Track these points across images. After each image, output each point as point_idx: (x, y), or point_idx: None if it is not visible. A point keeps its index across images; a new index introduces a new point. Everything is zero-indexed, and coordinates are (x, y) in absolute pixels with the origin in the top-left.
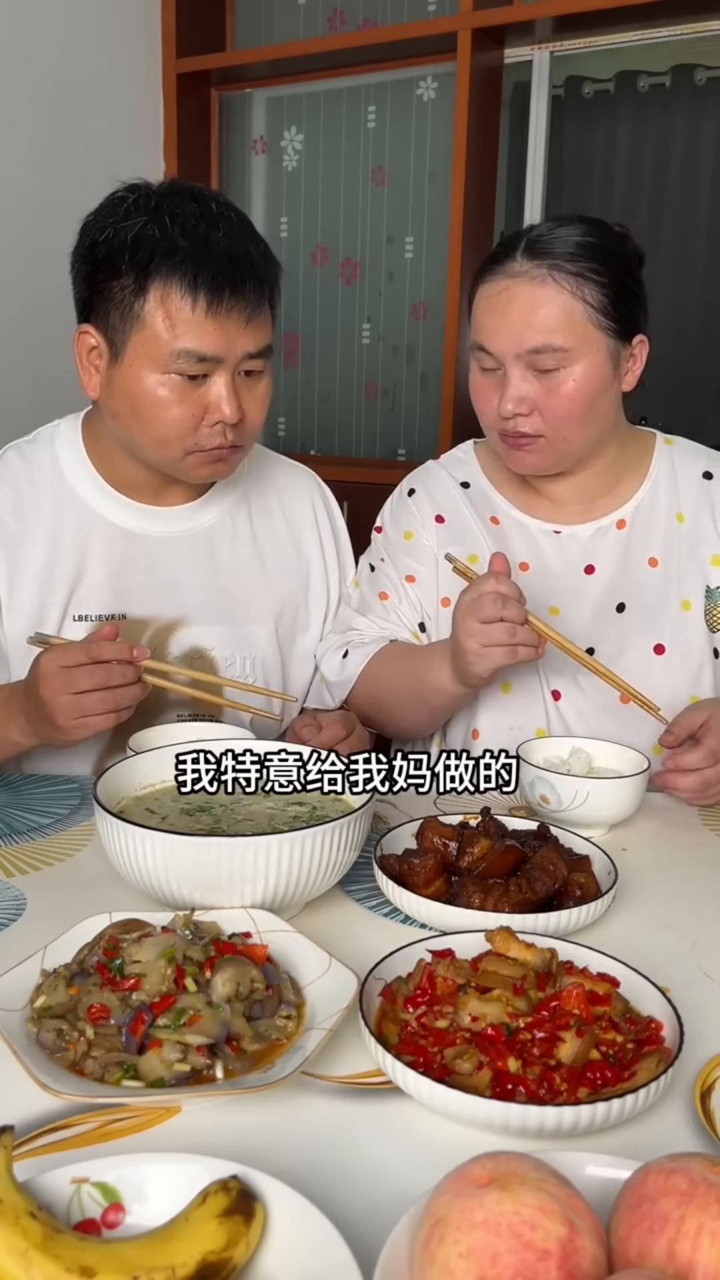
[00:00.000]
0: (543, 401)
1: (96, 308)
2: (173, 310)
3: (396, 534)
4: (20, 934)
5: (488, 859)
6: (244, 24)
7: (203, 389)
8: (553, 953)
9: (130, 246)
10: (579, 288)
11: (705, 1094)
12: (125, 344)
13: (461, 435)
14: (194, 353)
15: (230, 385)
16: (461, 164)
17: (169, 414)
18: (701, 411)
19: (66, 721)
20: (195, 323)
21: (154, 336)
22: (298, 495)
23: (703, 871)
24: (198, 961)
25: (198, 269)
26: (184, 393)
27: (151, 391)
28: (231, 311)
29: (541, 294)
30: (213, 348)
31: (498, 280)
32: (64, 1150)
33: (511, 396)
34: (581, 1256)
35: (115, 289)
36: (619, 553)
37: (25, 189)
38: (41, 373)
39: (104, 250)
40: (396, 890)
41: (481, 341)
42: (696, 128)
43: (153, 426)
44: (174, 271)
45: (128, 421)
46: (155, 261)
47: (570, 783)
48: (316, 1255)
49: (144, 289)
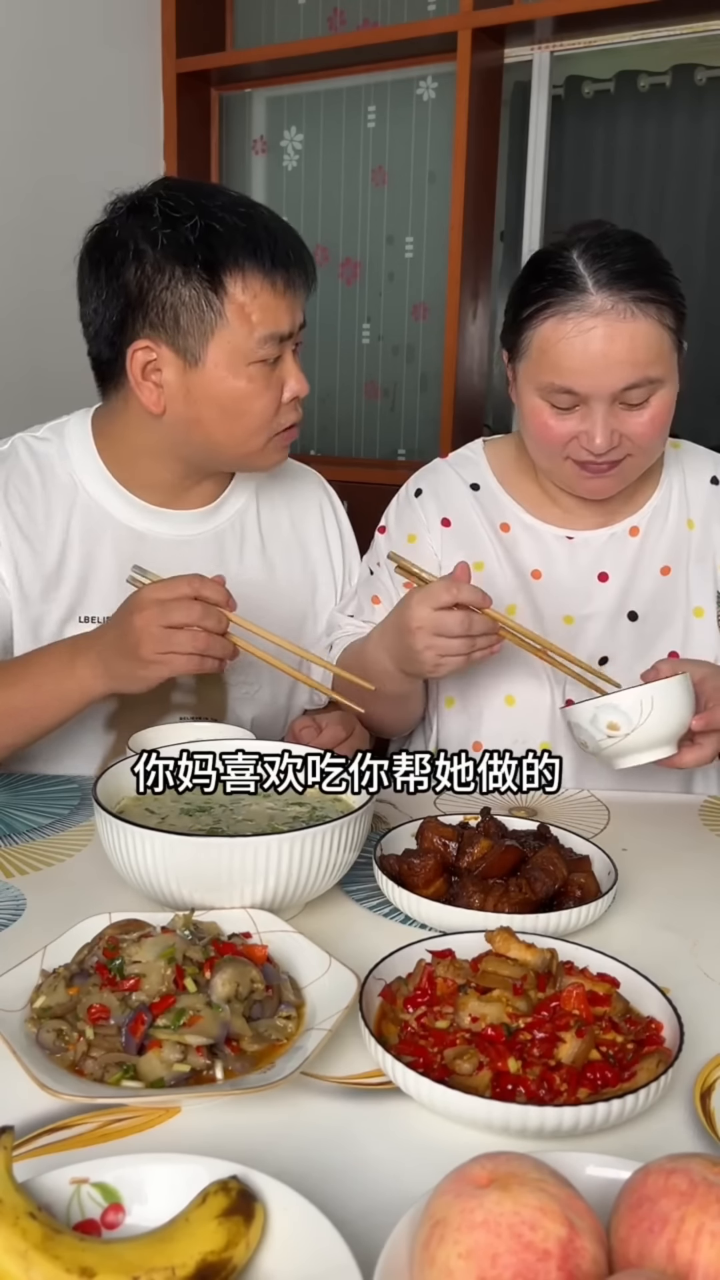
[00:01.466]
0: (628, 428)
1: (152, 320)
2: (252, 298)
3: (400, 536)
4: (20, 934)
5: (488, 859)
6: (244, 24)
7: (277, 371)
8: (553, 953)
9: (197, 247)
10: (661, 315)
11: (705, 1094)
12: (204, 347)
13: (461, 435)
14: (276, 334)
15: (294, 358)
16: (461, 164)
17: (258, 404)
18: (702, 413)
19: (151, 652)
20: (273, 304)
21: (238, 330)
22: (305, 498)
23: (703, 871)
24: (197, 962)
25: (271, 251)
26: (265, 379)
27: (241, 387)
28: (298, 285)
29: (633, 329)
30: (288, 324)
31: (578, 318)
32: (64, 1150)
33: (603, 433)
34: (581, 1257)
35: (184, 294)
36: (632, 560)
37: (25, 189)
38: (41, 371)
39: (155, 259)
40: (396, 890)
41: (563, 383)
42: (696, 128)
43: (243, 420)
44: (248, 259)
45: (211, 424)
46: (229, 255)
47: (634, 695)
48: (316, 1255)
49: (219, 285)
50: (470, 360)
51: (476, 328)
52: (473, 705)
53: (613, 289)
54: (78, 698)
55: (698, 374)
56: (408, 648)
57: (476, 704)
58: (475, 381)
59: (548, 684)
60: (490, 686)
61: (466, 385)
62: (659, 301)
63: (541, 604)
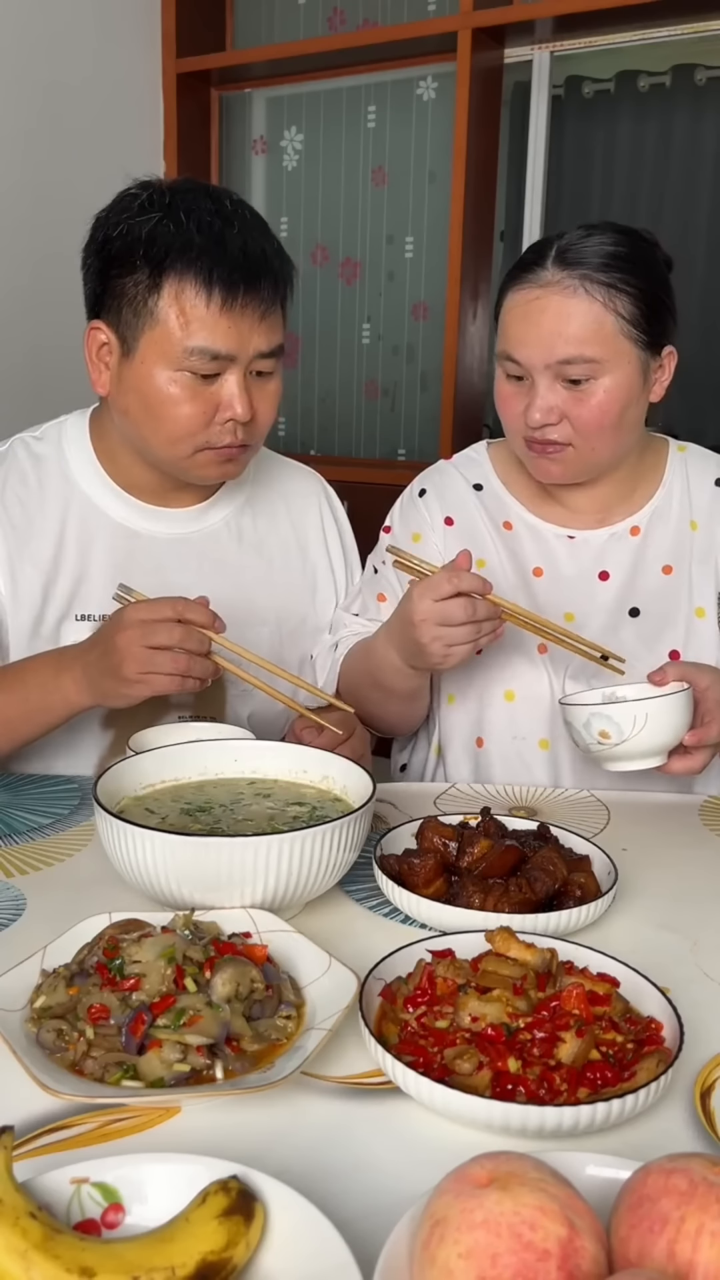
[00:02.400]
0: (571, 412)
1: (108, 304)
2: (187, 307)
3: (405, 535)
4: (20, 934)
5: (488, 859)
6: (244, 24)
7: (214, 387)
8: (553, 953)
9: (145, 242)
10: (611, 299)
11: (705, 1094)
12: (138, 340)
13: (461, 435)
14: (207, 350)
15: (242, 383)
16: (461, 164)
17: (180, 411)
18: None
19: (133, 672)
20: (209, 320)
21: (167, 333)
22: (304, 498)
23: (703, 871)
24: (198, 961)
25: (213, 266)
26: (195, 390)
27: (163, 389)
28: (246, 309)
29: (573, 305)
30: (226, 345)
31: (528, 289)
32: (64, 1150)
33: (540, 406)
34: (581, 1257)
35: (128, 285)
36: (633, 559)
37: (25, 188)
38: (42, 371)
39: (117, 246)
40: (396, 890)
41: (510, 351)
42: (696, 128)
43: (164, 424)
44: (189, 268)
45: (138, 419)
46: (170, 258)
47: (628, 709)
48: (316, 1255)
49: (158, 285)
50: (470, 360)
51: (476, 328)
52: (473, 701)
53: (567, 266)
54: (62, 710)
55: (697, 374)
56: (414, 641)
57: (477, 700)
58: (475, 381)
59: (547, 678)
60: (490, 682)
61: (466, 385)
62: (611, 286)
63: (543, 602)
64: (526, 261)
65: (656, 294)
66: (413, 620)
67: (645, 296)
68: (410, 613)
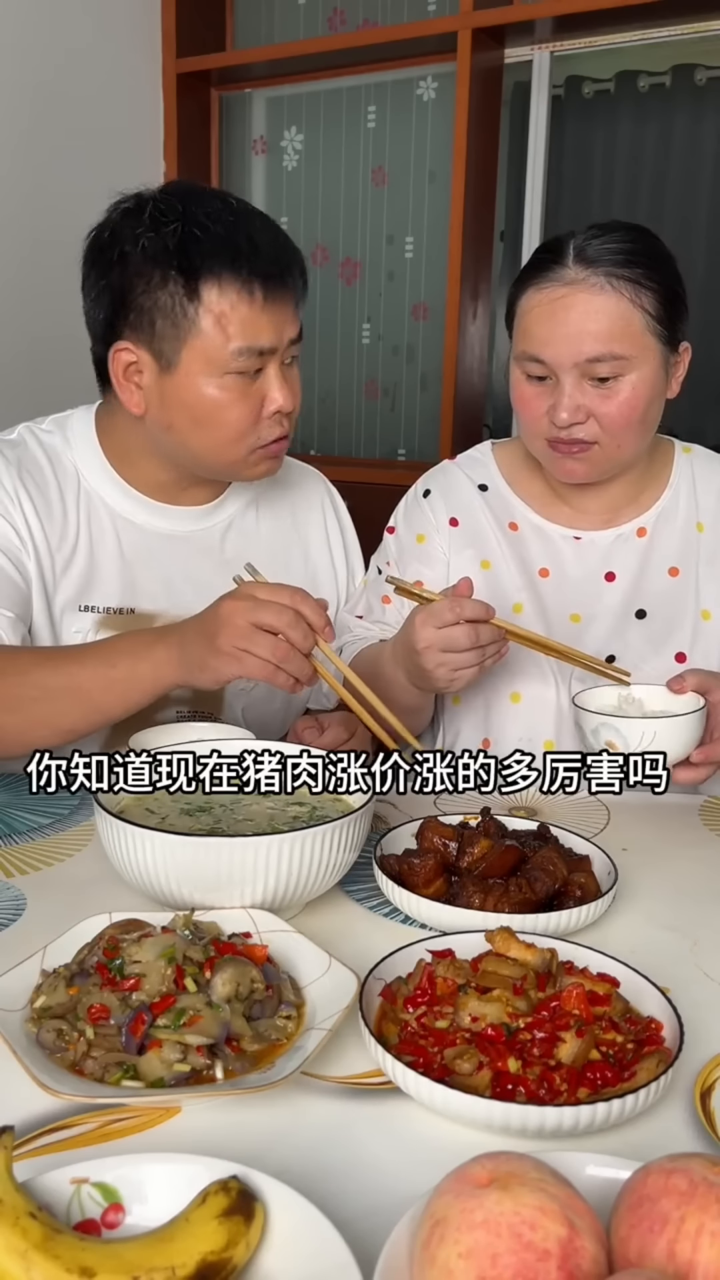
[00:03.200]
0: (598, 410)
1: (132, 322)
2: (229, 309)
3: (409, 536)
4: (20, 934)
5: (488, 859)
6: (244, 24)
7: (258, 383)
8: (553, 953)
9: (175, 254)
10: (637, 295)
11: (705, 1094)
12: (178, 353)
13: (461, 435)
14: (253, 348)
15: (280, 374)
16: (461, 164)
17: (231, 415)
18: (702, 413)
19: (228, 644)
20: (252, 318)
21: (212, 340)
22: (308, 497)
23: (703, 871)
24: (198, 961)
25: (250, 264)
26: (242, 391)
27: (213, 396)
28: (282, 300)
29: (601, 301)
30: (269, 339)
31: (551, 288)
32: (64, 1150)
33: (568, 406)
34: (581, 1257)
35: (160, 299)
36: (639, 560)
37: (25, 188)
38: (41, 369)
39: (137, 262)
40: (396, 890)
41: (534, 351)
42: (696, 128)
43: (216, 431)
44: (225, 270)
45: (185, 431)
46: (205, 264)
47: (637, 725)
48: (316, 1255)
49: (195, 293)
50: (470, 360)
51: (476, 328)
52: (479, 704)
53: (589, 264)
54: (149, 681)
55: (697, 374)
56: (419, 667)
57: (483, 702)
58: (475, 381)
59: (553, 681)
60: (497, 685)
61: (466, 385)
62: (636, 282)
63: (548, 602)
64: (543, 261)
65: (674, 289)
66: (416, 648)
67: (666, 292)
68: (414, 640)
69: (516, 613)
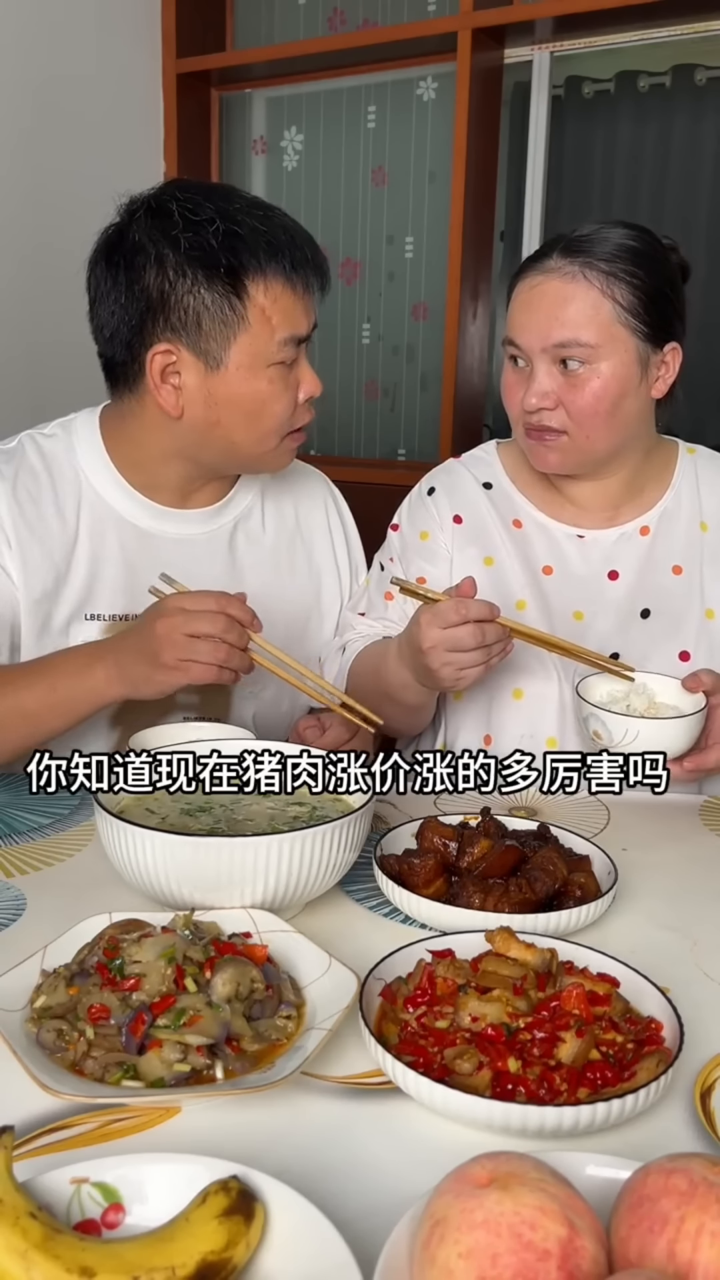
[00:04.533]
0: (567, 398)
1: (174, 324)
2: (273, 301)
3: (413, 534)
4: (20, 934)
5: (488, 859)
6: (244, 24)
7: (294, 372)
8: (553, 953)
9: (221, 251)
10: (609, 286)
11: (705, 1094)
12: (226, 350)
13: (461, 435)
14: (295, 337)
15: (306, 360)
16: (461, 164)
17: (278, 405)
18: (702, 414)
19: (172, 659)
20: (294, 307)
21: (260, 334)
22: (311, 498)
23: (703, 871)
24: (198, 961)
25: (291, 254)
26: (284, 380)
27: (262, 389)
28: (315, 285)
29: (570, 289)
30: (306, 325)
31: (532, 276)
32: (64, 1150)
33: (535, 391)
34: (581, 1257)
35: (205, 298)
36: (642, 559)
37: (25, 189)
38: (40, 368)
39: (178, 263)
40: (396, 890)
41: (512, 335)
42: (696, 128)
43: (263, 422)
44: (270, 263)
45: (232, 426)
46: (251, 259)
47: (621, 721)
48: (316, 1255)
49: (242, 289)
50: (470, 360)
51: (476, 328)
52: (482, 700)
53: (570, 254)
54: (91, 700)
55: (697, 374)
56: (424, 666)
57: (486, 699)
58: (475, 381)
59: (556, 677)
60: (498, 681)
61: (466, 385)
62: (611, 275)
63: (552, 600)
64: (537, 252)
65: (659, 288)
66: (422, 647)
67: (645, 288)
68: (419, 639)
69: (520, 610)
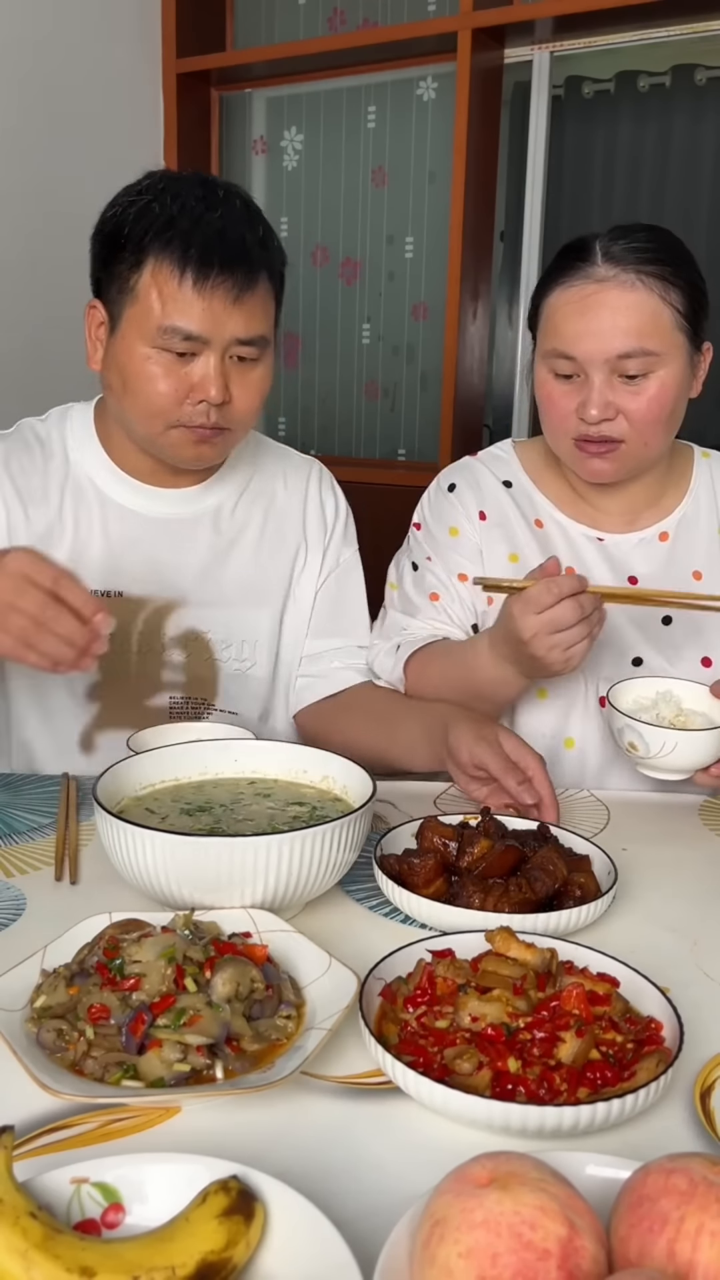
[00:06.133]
0: (627, 406)
1: (104, 283)
2: (162, 285)
3: (441, 531)
4: (20, 934)
5: (488, 859)
6: (244, 24)
7: (189, 367)
8: (553, 953)
9: (131, 222)
10: (666, 291)
11: (705, 1094)
12: (120, 317)
13: (461, 435)
14: (180, 329)
15: (218, 367)
16: (461, 164)
17: (154, 387)
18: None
19: None
20: (183, 300)
21: (145, 310)
22: (296, 481)
23: (703, 871)
24: (198, 961)
25: (188, 245)
26: (170, 368)
27: (140, 365)
28: (217, 290)
29: (632, 298)
30: (199, 326)
31: (581, 285)
32: (64, 1150)
33: (597, 402)
34: (581, 1256)
35: (117, 264)
36: (663, 564)
37: (26, 188)
38: (42, 366)
39: (110, 226)
40: (396, 890)
41: (564, 348)
42: (696, 128)
43: (139, 399)
44: (165, 247)
45: (119, 393)
46: (149, 236)
47: (659, 734)
48: (316, 1255)
49: (139, 263)
50: (470, 360)
51: (476, 328)
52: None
53: (619, 261)
54: None
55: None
56: (530, 657)
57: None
58: (475, 381)
59: (580, 677)
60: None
61: (466, 385)
62: (664, 279)
63: None
64: (571, 261)
65: (699, 287)
66: (523, 638)
67: (692, 290)
68: (518, 631)
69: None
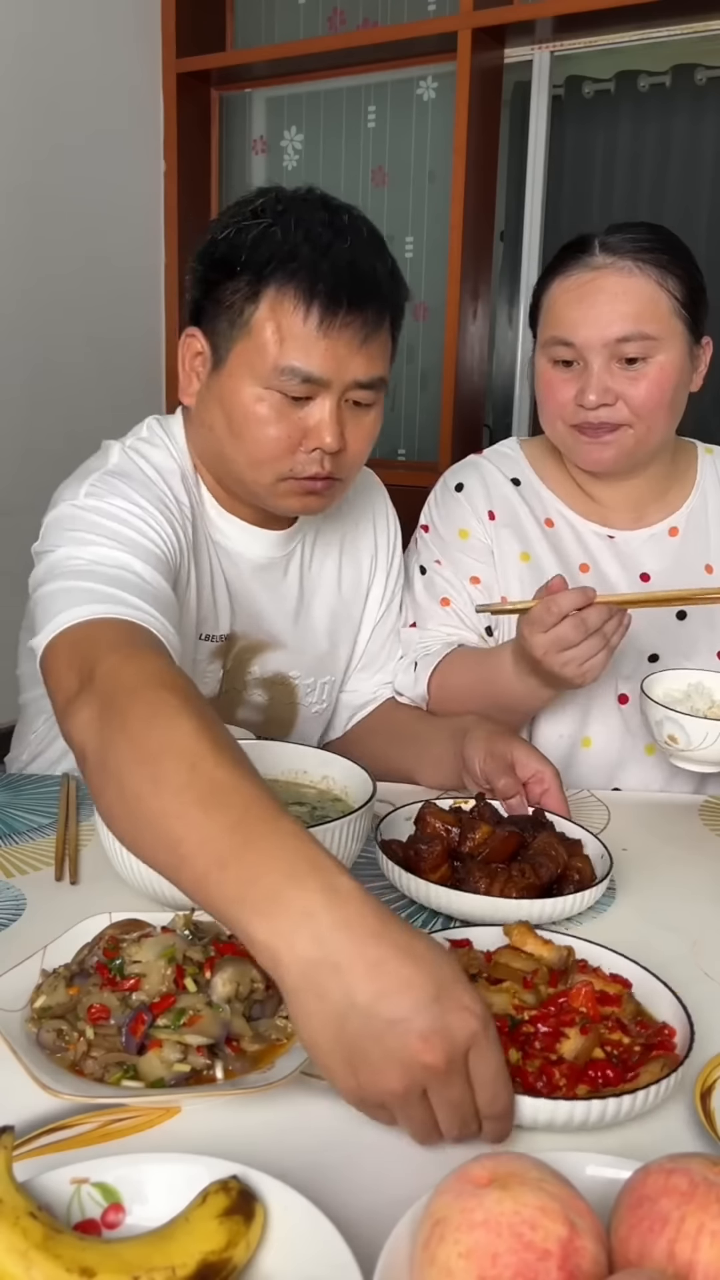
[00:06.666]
0: (627, 391)
1: (207, 310)
2: (283, 322)
3: (450, 533)
4: (20, 934)
5: (490, 844)
6: (244, 24)
7: (304, 411)
8: (569, 950)
9: (249, 248)
10: (663, 278)
11: (705, 1094)
12: (229, 351)
13: (461, 435)
14: (299, 371)
15: (335, 412)
16: (461, 164)
17: (265, 433)
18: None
19: None
20: (306, 339)
21: (259, 347)
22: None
23: (703, 871)
24: (198, 961)
25: (315, 279)
26: (283, 412)
27: (249, 406)
28: (346, 331)
29: (630, 283)
30: (321, 369)
31: (580, 273)
32: (64, 1150)
33: (596, 387)
34: (582, 1256)
35: (228, 292)
36: (674, 560)
37: (25, 188)
38: (44, 368)
39: (222, 250)
40: (404, 876)
41: (563, 335)
42: (696, 128)
43: (246, 444)
44: (289, 279)
45: (222, 435)
46: (271, 266)
47: (701, 725)
48: (317, 1255)
49: (256, 295)
50: (470, 360)
51: (476, 328)
52: None
53: (616, 250)
54: None
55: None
56: (548, 673)
57: None
58: (475, 381)
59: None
60: None
61: (466, 385)
62: (661, 267)
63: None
64: (570, 254)
65: (697, 280)
66: (536, 656)
67: (690, 279)
68: (531, 650)
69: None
